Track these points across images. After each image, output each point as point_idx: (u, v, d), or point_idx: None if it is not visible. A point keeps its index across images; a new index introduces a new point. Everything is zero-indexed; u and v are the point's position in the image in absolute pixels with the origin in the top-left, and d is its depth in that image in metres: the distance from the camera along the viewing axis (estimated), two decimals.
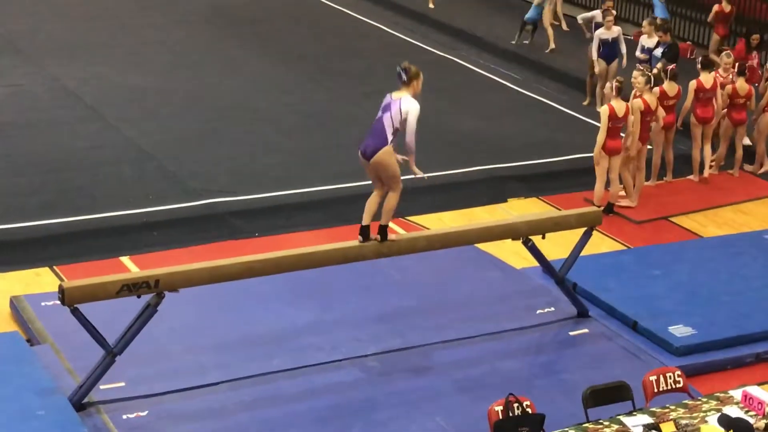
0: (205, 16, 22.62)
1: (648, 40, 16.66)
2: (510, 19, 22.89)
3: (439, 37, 21.83)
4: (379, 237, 9.79)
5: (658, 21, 17.19)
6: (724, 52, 15.90)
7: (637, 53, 16.81)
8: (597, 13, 18.04)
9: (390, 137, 9.52)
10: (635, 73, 14.21)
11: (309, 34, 21.73)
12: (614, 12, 17.69)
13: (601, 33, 17.26)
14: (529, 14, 20.68)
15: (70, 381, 9.51)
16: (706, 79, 14.88)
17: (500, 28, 22.19)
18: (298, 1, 24.41)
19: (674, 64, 15.40)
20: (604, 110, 13.66)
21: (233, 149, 15.50)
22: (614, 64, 17.19)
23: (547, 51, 20.52)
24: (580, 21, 18.96)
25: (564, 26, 22.25)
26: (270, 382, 9.81)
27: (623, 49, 17.20)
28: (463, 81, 19.35)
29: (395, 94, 9.57)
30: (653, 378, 8.88)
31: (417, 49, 20.93)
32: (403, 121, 9.49)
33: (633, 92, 14.15)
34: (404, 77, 9.55)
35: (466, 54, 20.66)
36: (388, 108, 9.52)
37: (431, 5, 23.55)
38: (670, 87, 14.63)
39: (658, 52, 16.42)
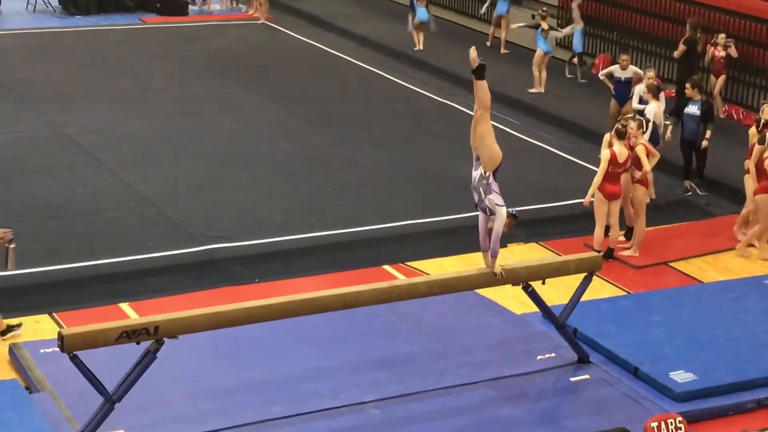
0: (205, 63, 22.72)
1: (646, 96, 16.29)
2: (509, 65, 23.02)
3: (437, 82, 21.92)
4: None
5: (694, 77, 16.85)
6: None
7: (635, 104, 16.54)
8: (615, 68, 17.77)
9: (484, 183, 10.00)
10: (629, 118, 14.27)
11: (309, 80, 21.82)
12: (653, 73, 16.82)
13: (641, 90, 16.55)
14: (574, 45, 21.32)
15: (69, 429, 9.46)
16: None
17: (499, 74, 22.25)
18: (297, 48, 24.53)
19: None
20: (604, 155, 13.67)
21: (233, 195, 15.52)
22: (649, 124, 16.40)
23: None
24: (601, 77, 18.41)
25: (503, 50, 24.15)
26: (270, 428, 9.77)
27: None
28: (461, 126, 19.21)
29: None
30: (654, 424, 8.87)
31: (416, 94, 21.01)
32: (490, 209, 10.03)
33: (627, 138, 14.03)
34: (510, 215, 10.12)
35: (465, 100, 20.72)
36: (489, 184, 10.02)
37: (421, 47, 23.78)
38: None
39: (694, 109, 16.01)
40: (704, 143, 16.05)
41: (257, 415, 9.91)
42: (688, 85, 16.34)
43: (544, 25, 21.27)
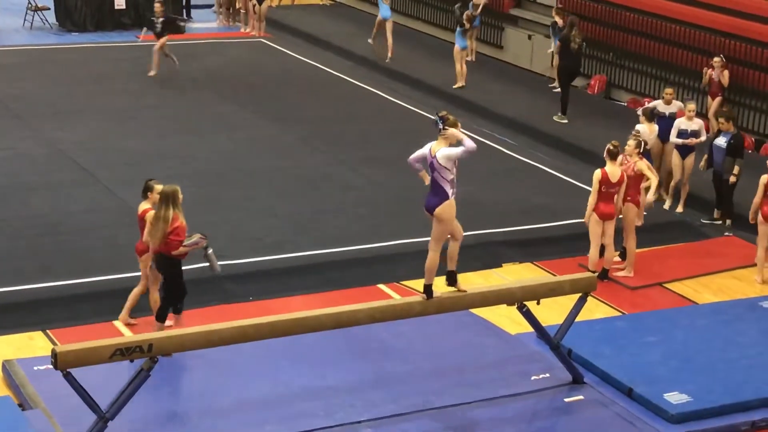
0: (202, 81, 22.73)
1: (688, 123, 16.15)
2: (506, 86, 23.07)
3: (435, 102, 21.91)
4: (448, 282, 10.30)
5: (724, 109, 16.64)
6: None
7: (673, 138, 16.21)
8: (658, 103, 17.17)
9: (449, 191, 9.82)
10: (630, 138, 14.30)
11: (305, 99, 21.84)
12: (693, 106, 16.51)
13: (681, 123, 16.24)
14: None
15: None
16: None
17: (495, 94, 22.33)
18: (294, 66, 24.56)
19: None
20: (596, 174, 13.70)
21: (228, 213, 15.51)
22: (690, 158, 16.25)
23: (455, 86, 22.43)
24: (641, 113, 17.26)
25: (472, 57, 24.38)
26: None
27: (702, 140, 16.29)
28: None
29: (433, 149, 9.88)
30: None
31: (413, 114, 21.02)
32: (448, 170, 9.80)
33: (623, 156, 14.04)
34: (441, 126, 9.84)
35: (462, 120, 20.71)
36: (433, 168, 9.85)
37: (389, 54, 24.23)
38: None
39: (722, 141, 15.70)
40: (732, 178, 15.55)
41: None
42: (721, 119, 15.95)
43: (467, 26, 22.54)
